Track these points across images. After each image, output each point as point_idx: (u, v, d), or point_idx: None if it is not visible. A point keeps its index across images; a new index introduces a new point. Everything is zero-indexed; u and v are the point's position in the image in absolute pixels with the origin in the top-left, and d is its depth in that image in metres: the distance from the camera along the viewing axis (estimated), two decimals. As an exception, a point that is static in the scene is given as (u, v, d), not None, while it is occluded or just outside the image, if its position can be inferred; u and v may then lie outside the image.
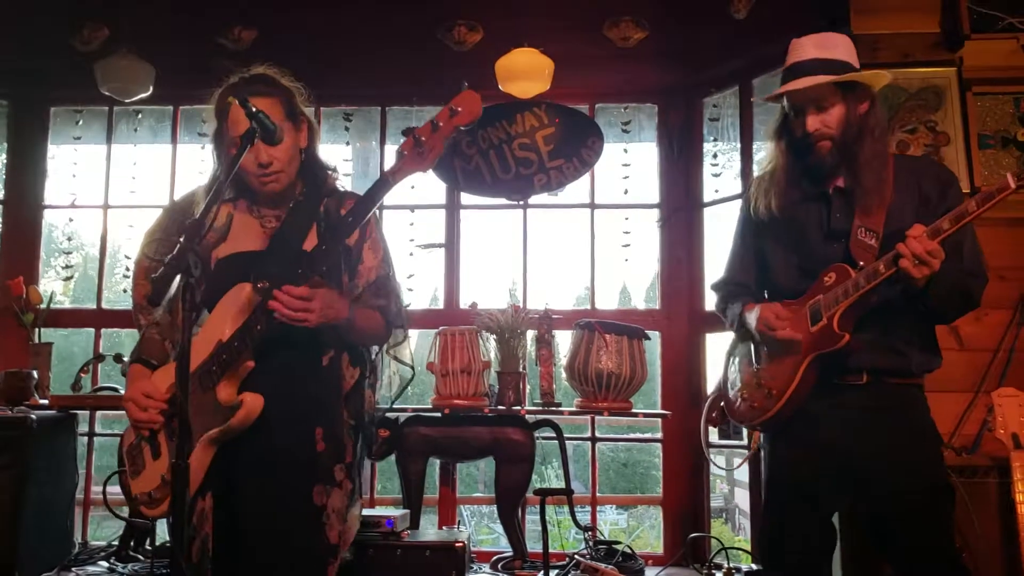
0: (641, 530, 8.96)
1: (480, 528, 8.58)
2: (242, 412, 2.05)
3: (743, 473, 9.76)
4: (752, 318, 2.43)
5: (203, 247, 2.24)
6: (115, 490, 5.04)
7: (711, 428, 3.64)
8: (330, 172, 2.36)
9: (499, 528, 4.26)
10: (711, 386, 4.61)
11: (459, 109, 1.97)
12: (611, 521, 9.46)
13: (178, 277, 1.78)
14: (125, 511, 3.91)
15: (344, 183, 2.57)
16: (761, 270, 2.58)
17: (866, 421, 2.30)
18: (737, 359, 2.59)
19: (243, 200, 2.33)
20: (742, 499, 9.53)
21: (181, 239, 1.76)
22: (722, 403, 2.63)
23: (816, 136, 2.33)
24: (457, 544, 3.48)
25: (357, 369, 2.27)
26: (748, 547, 4.27)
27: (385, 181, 2.02)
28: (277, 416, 2.11)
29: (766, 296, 2.58)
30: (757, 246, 2.57)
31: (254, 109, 2.01)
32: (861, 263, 2.27)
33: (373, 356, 2.37)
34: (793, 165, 2.42)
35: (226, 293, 2.14)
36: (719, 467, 3.38)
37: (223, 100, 2.19)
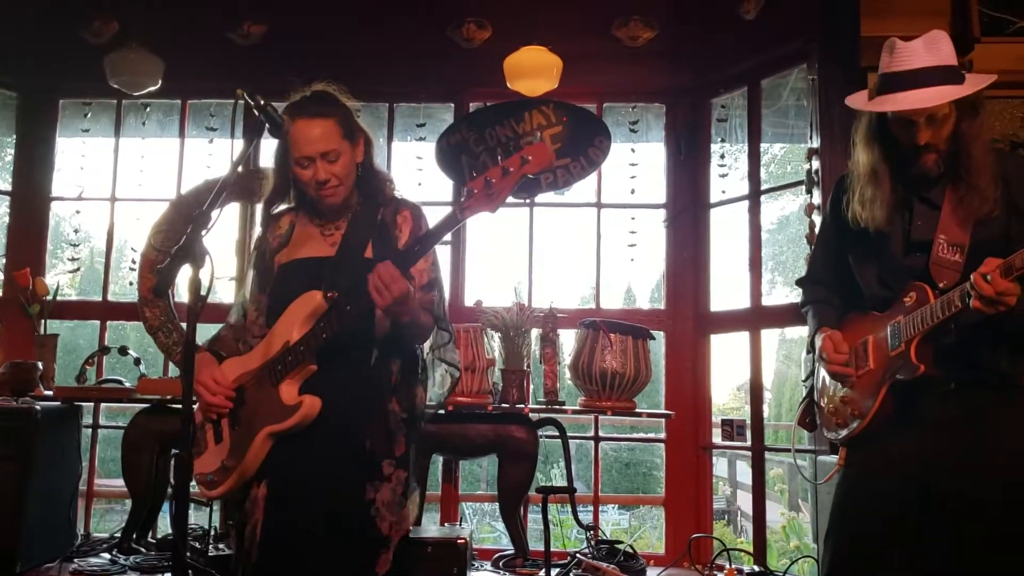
0: (643, 530, 8.92)
1: (482, 526, 8.57)
2: (301, 412, 2.17)
3: (745, 475, 9.74)
4: (819, 343, 2.38)
5: (266, 253, 2.40)
6: (112, 482, 5.05)
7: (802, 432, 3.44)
8: (387, 183, 2.45)
9: (501, 526, 4.26)
10: (715, 387, 4.61)
11: (529, 158, 2.04)
12: (613, 521, 9.43)
13: (184, 268, 1.79)
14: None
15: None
16: (845, 270, 2.47)
17: (951, 430, 2.19)
18: (825, 370, 2.50)
19: (303, 210, 2.43)
20: (744, 502, 9.50)
21: (188, 230, 1.77)
22: (814, 409, 2.55)
23: (928, 148, 2.20)
24: (459, 541, 3.48)
25: (399, 363, 2.35)
26: (750, 548, 4.26)
27: (454, 218, 2.10)
28: (329, 416, 2.21)
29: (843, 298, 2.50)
30: (840, 248, 2.48)
31: (261, 102, 2.02)
32: (941, 283, 2.17)
33: (425, 354, 2.45)
34: (895, 174, 2.28)
35: (296, 297, 2.23)
36: (806, 478, 3.26)
37: (288, 120, 2.26)
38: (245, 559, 2.22)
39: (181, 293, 4.34)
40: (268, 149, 2.44)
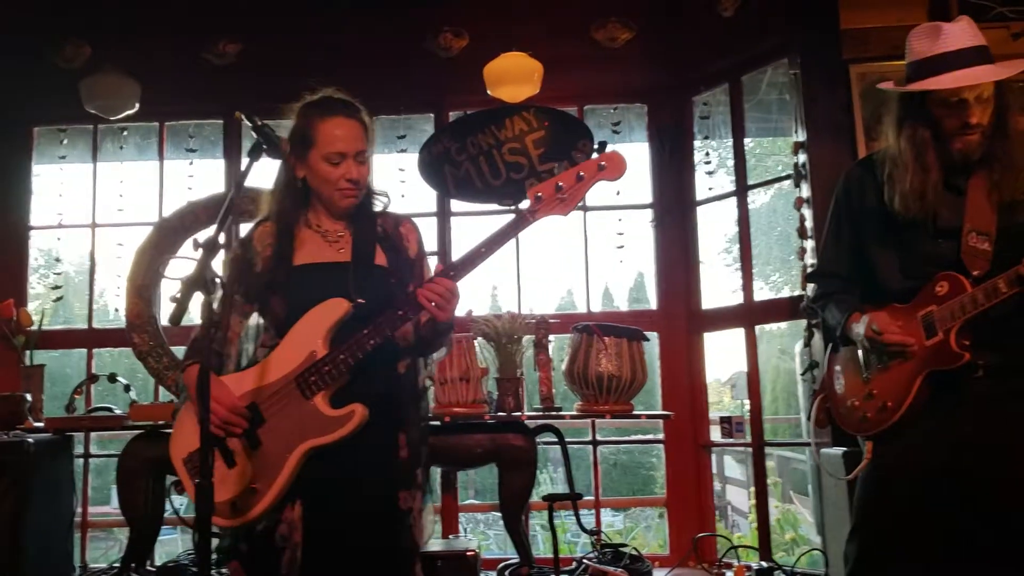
0: (637, 531, 8.92)
1: (475, 534, 8.54)
2: (354, 421, 2.12)
3: (735, 471, 9.76)
4: (861, 328, 2.33)
5: (255, 263, 2.31)
6: (106, 509, 4.97)
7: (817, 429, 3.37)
8: (376, 194, 2.42)
9: (492, 533, 4.24)
10: (711, 384, 4.61)
11: (605, 165, 2.09)
12: (607, 523, 9.43)
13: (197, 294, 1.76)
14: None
15: None
16: (860, 262, 2.46)
17: (982, 416, 2.20)
18: (842, 363, 2.49)
19: (301, 216, 2.36)
20: (733, 496, 9.54)
21: (198, 256, 1.74)
22: (828, 405, 2.53)
23: (976, 128, 2.22)
24: (468, 553, 3.45)
25: (425, 374, 2.36)
26: (747, 543, 4.26)
27: (523, 219, 2.11)
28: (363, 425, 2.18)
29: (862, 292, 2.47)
30: (856, 237, 2.47)
31: (259, 123, 2.00)
32: (975, 272, 2.19)
33: (430, 363, 2.45)
34: (939, 157, 2.28)
35: (317, 303, 2.18)
36: (832, 475, 3.17)
37: (302, 118, 2.27)
38: None
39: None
40: (258, 169, 2.38)
